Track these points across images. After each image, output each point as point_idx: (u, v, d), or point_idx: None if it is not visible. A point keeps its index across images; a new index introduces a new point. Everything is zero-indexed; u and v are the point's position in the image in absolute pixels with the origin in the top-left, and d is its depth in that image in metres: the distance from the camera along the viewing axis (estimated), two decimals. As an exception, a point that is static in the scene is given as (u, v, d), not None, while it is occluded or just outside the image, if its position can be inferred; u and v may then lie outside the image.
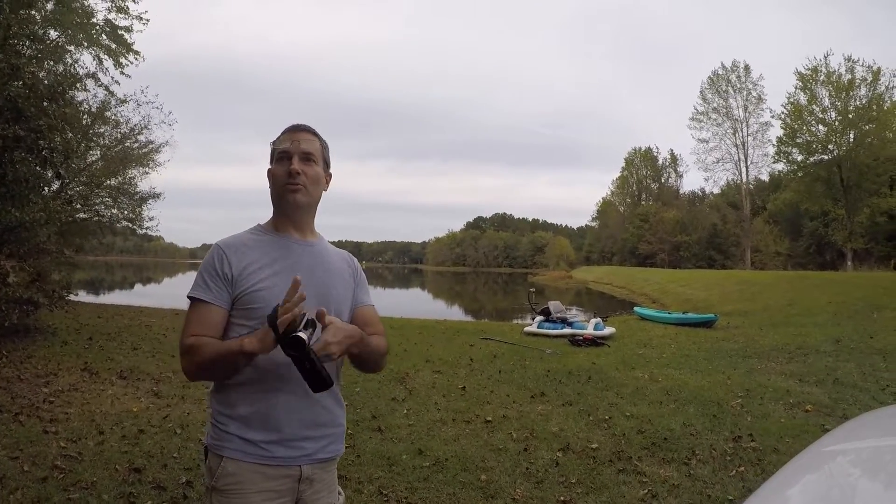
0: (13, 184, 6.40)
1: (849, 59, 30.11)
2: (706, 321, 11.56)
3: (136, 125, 14.85)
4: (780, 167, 35.73)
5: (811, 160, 31.36)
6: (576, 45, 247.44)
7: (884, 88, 29.63)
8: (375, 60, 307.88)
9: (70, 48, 11.80)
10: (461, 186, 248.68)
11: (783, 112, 32.19)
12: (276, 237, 1.42)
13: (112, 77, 13.94)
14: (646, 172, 69.76)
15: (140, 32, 13.92)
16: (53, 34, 10.91)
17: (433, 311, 19.01)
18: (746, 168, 44.43)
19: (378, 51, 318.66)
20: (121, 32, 13.76)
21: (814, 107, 30.89)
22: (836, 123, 30.11)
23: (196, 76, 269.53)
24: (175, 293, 22.44)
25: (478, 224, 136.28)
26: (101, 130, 13.64)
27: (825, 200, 31.82)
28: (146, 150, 15.78)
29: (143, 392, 5.31)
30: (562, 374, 6.56)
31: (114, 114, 13.98)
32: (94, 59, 13.71)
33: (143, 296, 24.03)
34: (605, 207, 73.64)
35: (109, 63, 13.91)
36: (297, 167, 1.38)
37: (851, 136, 29.74)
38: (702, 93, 45.50)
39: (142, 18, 13.74)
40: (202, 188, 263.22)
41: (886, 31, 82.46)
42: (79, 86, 9.19)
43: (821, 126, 30.73)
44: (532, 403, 5.29)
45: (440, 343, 9.02)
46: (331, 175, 1.51)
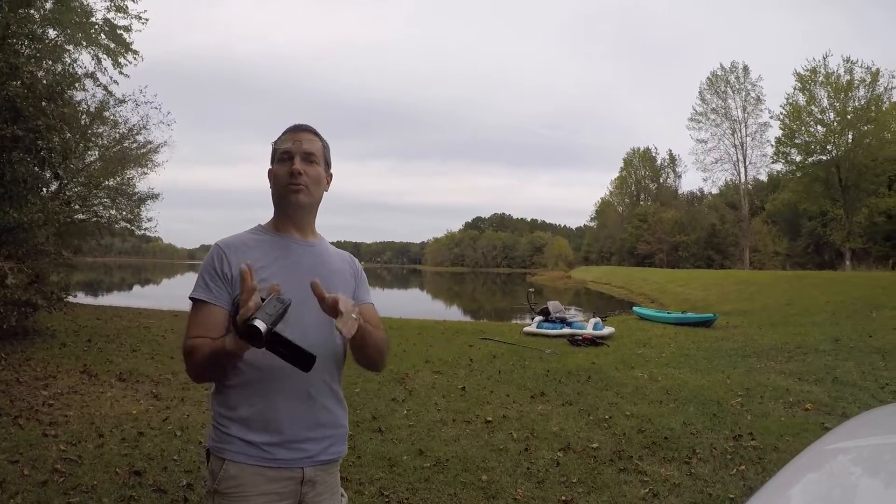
0: (11, 184, 6.38)
1: (847, 60, 30.23)
2: (705, 321, 11.57)
3: (135, 125, 14.79)
4: (779, 167, 35.90)
5: (810, 160, 31.44)
6: (576, 46, 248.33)
7: (882, 89, 29.75)
8: (375, 60, 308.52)
9: (69, 47, 11.77)
10: (460, 187, 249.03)
11: (782, 113, 32.30)
12: (277, 237, 1.42)
13: (111, 77, 13.90)
14: (644, 173, 69.79)
15: (139, 32, 13.89)
16: (52, 33, 10.90)
17: (432, 312, 19.01)
18: (745, 168, 44.58)
19: (378, 51, 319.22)
20: (120, 32, 13.72)
21: (812, 107, 30.97)
22: (835, 124, 30.18)
23: (195, 76, 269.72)
24: (174, 294, 22.41)
25: (476, 224, 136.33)
26: (100, 130, 13.58)
27: (823, 200, 31.91)
28: (145, 151, 15.72)
29: (143, 394, 5.30)
30: (561, 374, 6.56)
31: (112, 114, 13.91)
32: (93, 59, 13.67)
33: (142, 297, 24.00)
34: (604, 207, 73.64)
35: (108, 63, 13.88)
36: (299, 167, 1.37)
37: (850, 137, 29.82)
38: (700, 93, 45.63)
39: (141, 18, 13.70)
40: (201, 189, 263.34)
41: (886, 32, 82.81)
42: (77, 85, 9.11)
43: (819, 127, 30.81)
44: (532, 403, 5.29)
45: (439, 343, 9.02)
46: (331, 175, 1.50)
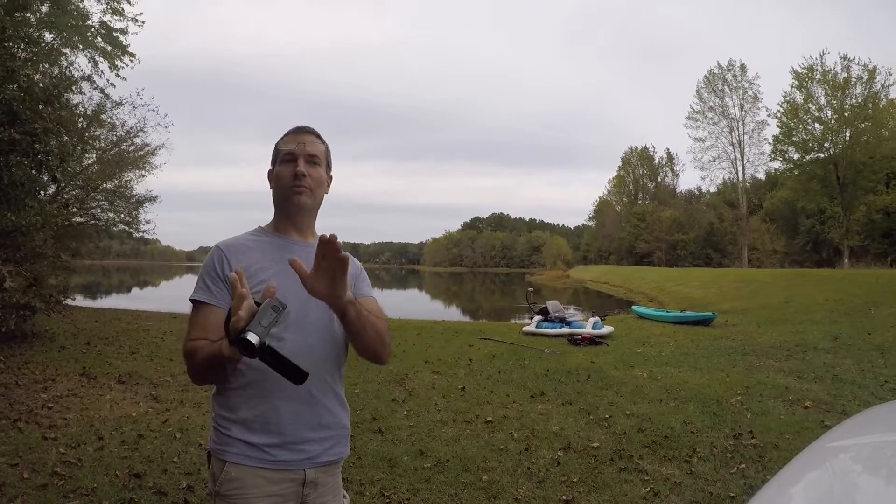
0: (9, 188, 6.36)
1: (844, 58, 30.33)
2: (704, 319, 11.58)
3: (132, 128, 14.75)
4: (777, 165, 36.06)
5: (807, 158, 31.55)
6: (575, 45, 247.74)
7: (879, 87, 29.86)
8: (374, 61, 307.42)
9: (65, 51, 11.73)
10: (458, 187, 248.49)
11: (779, 111, 32.39)
12: (277, 238, 1.42)
13: (107, 80, 13.86)
14: (642, 171, 69.90)
15: (135, 35, 13.92)
16: (48, 36, 10.83)
17: (431, 312, 19.00)
18: (743, 166, 44.59)
19: (376, 51, 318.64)
20: (116, 35, 13.72)
21: (810, 105, 31.06)
22: (832, 122, 30.27)
23: (192, 78, 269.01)
24: (172, 296, 22.40)
25: (475, 224, 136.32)
26: (97, 133, 13.53)
27: (821, 198, 32.00)
28: (142, 153, 15.68)
29: (142, 396, 5.29)
30: (561, 374, 6.57)
31: (109, 116, 13.87)
32: (90, 62, 13.64)
33: (141, 299, 24.01)
34: (602, 207, 73.70)
35: (105, 65, 13.87)
36: (303, 169, 1.38)
37: (847, 134, 29.91)
38: (698, 92, 45.64)
39: (137, 20, 13.72)
40: (199, 190, 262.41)
41: (883, 30, 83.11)
42: (74, 88, 9.11)
43: (817, 124, 30.90)
44: (532, 403, 5.29)
45: (439, 344, 9.02)
46: (331, 178, 1.51)
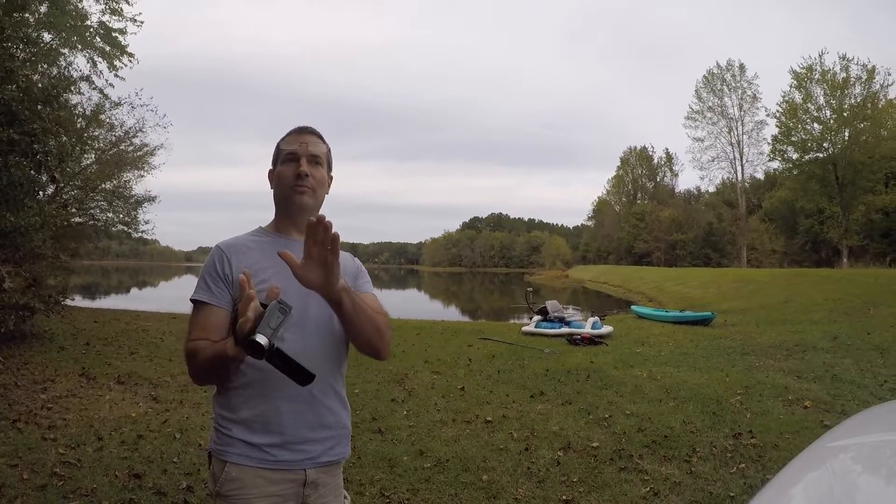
0: (8, 188, 6.35)
1: (843, 58, 30.36)
2: (703, 319, 11.59)
3: (131, 128, 14.76)
4: (776, 165, 36.11)
5: (806, 158, 31.59)
6: (574, 45, 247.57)
7: (878, 87, 29.90)
8: (373, 61, 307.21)
9: (64, 51, 11.72)
10: (458, 187, 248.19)
11: (778, 110, 32.42)
12: (278, 238, 1.42)
13: (106, 80, 13.86)
14: (641, 171, 69.89)
15: (134, 35, 13.92)
16: (47, 37, 10.84)
17: (430, 312, 19.01)
18: (742, 166, 44.65)
19: (375, 51, 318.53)
20: (115, 35, 13.72)
21: (809, 105, 31.11)
22: (831, 121, 30.31)
23: (191, 78, 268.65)
24: (171, 296, 22.40)
25: (474, 224, 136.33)
26: (96, 134, 13.54)
27: (820, 198, 32.05)
28: (141, 153, 15.68)
29: (142, 397, 5.29)
30: (560, 374, 6.57)
31: (108, 117, 13.89)
32: (88, 62, 13.65)
33: (140, 300, 23.99)
34: (601, 207, 73.70)
35: (103, 66, 13.87)
36: (306, 169, 1.38)
37: (846, 134, 29.95)
38: (697, 92, 45.71)
39: (136, 20, 13.71)
40: (199, 191, 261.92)
41: (883, 30, 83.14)
42: (73, 89, 9.11)
43: (816, 124, 30.93)
44: (532, 403, 5.29)
45: (438, 344, 9.02)
46: (332, 178, 1.51)
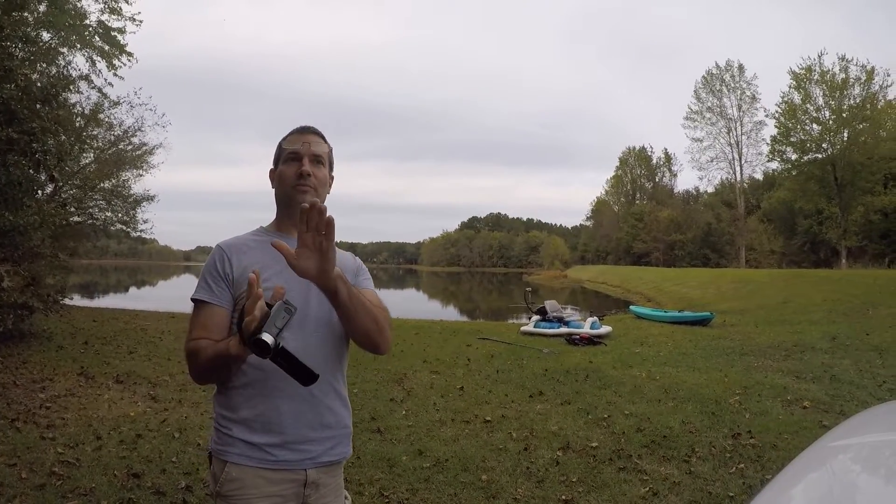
0: (7, 187, 6.34)
1: (843, 59, 30.40)
2: (702, 319, 11.60)
3: (130, 127, 14.79)
4: (775, 166, 36.17)
5: (805, 159, 31.61)
6: (574, 45, 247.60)
7: (877, 87, 29.96)
8: (373, 61, 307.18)
9: (63, 50, 11.71)
10: (457, 187, 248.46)
11: (777, 111, 32.45)
12: (278, 237, 1.41)
13: (105, 79, 13.87)
14: (640, 171, 69.93)
15: (133, 34, 13.91)
16: (46, 36, 10.85)
17: (429, 312, 19.01)
18: (741, 167, 44.77)
19: (375, 51, 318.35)
20: (114, 34, 13.71)
21: (808, 106, 31.14)
22: (830, 122, 30.34)
23: (190, 77, 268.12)
24: (170, 296, 22.38)
25: (472, 224, 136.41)
26: (95, 133, 13.55)
27: (819, 199, 32.07)
28: (140, 153, 15.71)
29: (140, 396, 5.28)
30: (559, 374, 6.57)
31: (107, 116, 13.90)
32: (87, 61, 13.65)
33: (138, 299, 23.95)
34: (600, 207, 73.72)
35: (102, 65, 13.87)
36: (308, 168, 1.38)
37: (845, 135, 29.99)
38: (696, 92, 45.82)
39: (135, 20, 13.71)
40: (198, 190, 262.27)
41: (882, 31, 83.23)
42: (72, 88, 9.12)
43: (815, 125, 30.96)
44: (531, 403, 5.29)
45: (437, 343, 9.01)
46: (333, 178, 1.51)
